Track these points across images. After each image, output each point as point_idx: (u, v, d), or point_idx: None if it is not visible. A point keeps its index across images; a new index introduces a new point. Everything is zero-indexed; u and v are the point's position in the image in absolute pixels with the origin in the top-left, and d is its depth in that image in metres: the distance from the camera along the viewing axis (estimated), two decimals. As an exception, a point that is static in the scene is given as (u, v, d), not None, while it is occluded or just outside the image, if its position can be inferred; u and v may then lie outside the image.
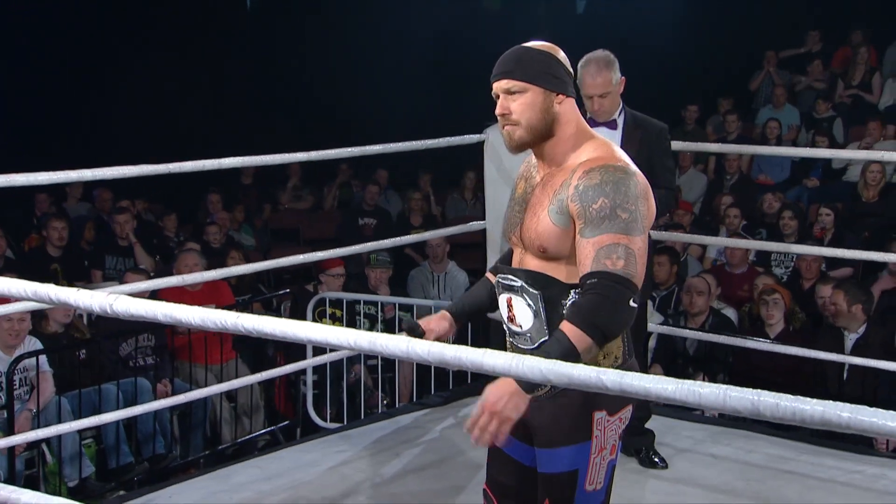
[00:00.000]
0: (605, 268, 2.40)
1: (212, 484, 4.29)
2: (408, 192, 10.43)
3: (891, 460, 4.63)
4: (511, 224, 2.66)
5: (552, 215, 2.51)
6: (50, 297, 2.12)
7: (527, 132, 2.54)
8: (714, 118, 10.81)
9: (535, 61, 2.54)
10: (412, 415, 5.09)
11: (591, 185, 2.46)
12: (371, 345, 1.90)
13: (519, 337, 2.62)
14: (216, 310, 2.03)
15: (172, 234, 9.11)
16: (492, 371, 1.80)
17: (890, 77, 10.75)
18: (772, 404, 1.53)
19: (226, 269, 4.58)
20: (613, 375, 1.68)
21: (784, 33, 11.81)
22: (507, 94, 2.54)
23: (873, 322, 6.01)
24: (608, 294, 2.38)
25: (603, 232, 2.42)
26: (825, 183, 9.65)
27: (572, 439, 2.55)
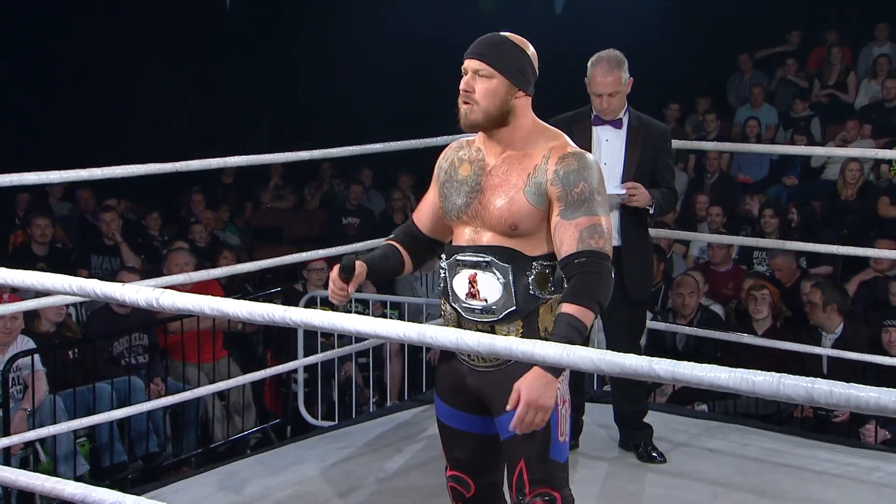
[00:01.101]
0: (591, 247, 2.63)
1: (218, 480, 4.32)
2: (389, 191, 10.45)
3: (883, 453, 4.72)
4: (459, 205, 2.78)
5: (529, 196, 2.69)
6: (95, 292, 2.15)
7: (482, 116, 2.71)
8: (692, 117, 10.92)
9: (509, 53, 2.72)
10: (410, 411, 5.13)
11: (570, 171, 2.68)
12: (420, 336, 1.94)
13: (479, 312, 2.74)
14: (263, 303, 2.07)
15: (156, 234, 9.09)
16: (543, 361, 1.85)
17: (865, 77, 10.90)
18: (826, 391, 1.58)
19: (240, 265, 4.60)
20: (666, 365, 1.73)
21: (760, 33, 11.94)
22: (476, 74, 2.71)
23: (850, 322, 6.10)
24: (600, 271, 2.61)
25: (583, 214, 2.65)
26: (804, 181, 9.78)
27: None
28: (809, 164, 9.88)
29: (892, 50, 11.07)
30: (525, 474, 2.72)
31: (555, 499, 2.74)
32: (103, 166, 3.80)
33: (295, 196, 10.92)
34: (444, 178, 2.87)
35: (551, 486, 2.73)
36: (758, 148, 8.81)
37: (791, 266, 7.41)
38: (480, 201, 2.75)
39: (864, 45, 11.32)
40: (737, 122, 10.76)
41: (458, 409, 2.87)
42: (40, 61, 11.11)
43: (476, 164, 2.80)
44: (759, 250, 8.03)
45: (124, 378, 6.10)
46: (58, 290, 2.18)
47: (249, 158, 4.47)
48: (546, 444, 2.72)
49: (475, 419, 2.85)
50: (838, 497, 4.21)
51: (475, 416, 2.85)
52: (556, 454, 2.74)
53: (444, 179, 2.87)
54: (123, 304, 2.73)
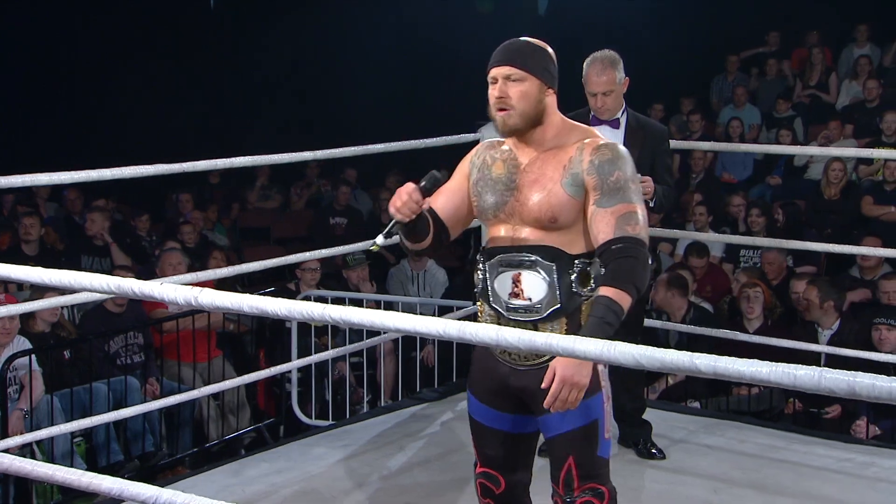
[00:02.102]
0: (628, 233, 2.67)
1: (223, 478, 4.34)
2: (376, 191, 10.49)
3: (877, 448, 4.80)
4: (494, 203, 2.81)
5: (567, 187, 2.74)
6: (133, 290, 2.17)
7: (521, 118, 2.76)
8: (676, 117, 11.01)
9: (535, 54, 2.79)
10: (410, 409, 5.17)
11: (605, 160, 2.73)
12: (460, 333, 1.98)
13: (522, 311, 2.78)
14: (301, 301, 2.10)
15: (144, 234, 9.09)
16: (584, 356, 1.89)
17: (846, 78, 11.03)
18: (868, 384, 1.63)
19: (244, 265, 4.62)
20: (707, 360, 1.78)
21: (743, 34, 12.06)
22: (507, 80, 2.75)
23: (846, 319, 6.19)
24: (637, 255, 2.65)
25: (619, 202, 2.70)
26: (787, 181, 9.88)
27: (586, 393, 2.71)
28: (793, 163, 9.98)
29: (872, 51, 11.21)
30: (574, 471, 2.77)
31: (603, 493, 2.81)
32: (89, 167, 3.81)
33: (281, 196, 10.93)
34: (478, 177, 2.89)
35: (599, 482, 2.81)
36: (749, 147, 8.91)
37: (782, 263, 7.50)
38: (517, 198, 2.78)
39: (845, 45, 11.46)
40: (720, 122, 10.86)
41: (496, 409, 2.90)
42: (24, 62, 11.07)
43: (509, 162, 2.83)
44: (747, 249, 8.11)
45: (120, 378, 6.12)
46: (95, 288, 2.21)
47: (250, 159, 4.48)
48: (594, 442, 2.79)
49: (513, 418, 2.89)
50: (837, 492, 4.28)
51: (513, 415, 2.89)
52: (602, 451, 2.81)
53: (478, 178, 2.88)
54: (163, 302, 2.74)
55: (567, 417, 2.75)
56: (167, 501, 2.21)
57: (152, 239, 9.07)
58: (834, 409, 5.85)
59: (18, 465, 2.37)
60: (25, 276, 2.28)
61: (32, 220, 8.10)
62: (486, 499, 2.97)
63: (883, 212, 8.61)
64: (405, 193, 2.73)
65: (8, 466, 2.36)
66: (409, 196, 2.72)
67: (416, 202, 2.73)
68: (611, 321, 2.55)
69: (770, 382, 1.72)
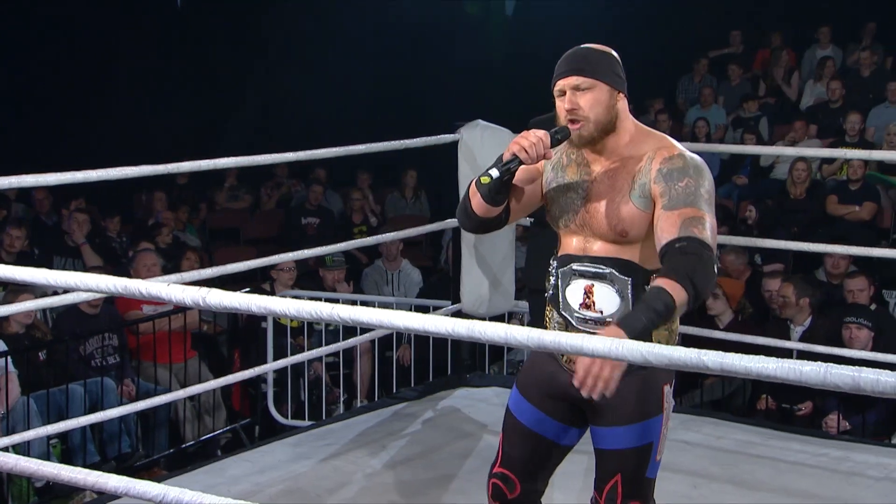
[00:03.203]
0: (693, 234, 2.51)
1: (206, 478, 4.35)
2: (346, 191, 10.50)
3: (850, 443, 4.89)
4: (568, 210, 2.74)
5: (635, 200, 2.64)
6: (140, 291, 2.19)
7: (595, 127, 2.66)
8: (644, 118, 11.10)
9: (601, 60, 2.69)
10: (392, 408, 5.19)
11: (675, 168, 2.62)
12: (469, 332, 2.01)
13: (592, 323, 2.70)
14: (309, 301, 2.13)
15: (115, 236, 9.04)
16: (591, 354, 1.93)
17: (809, 79, 11.19)
18: (872, 380, 1.68)
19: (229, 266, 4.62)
20: (714, 356, 1.83)
21: (708, 36, 12.19)
22: (576, 90, 2.66)
23: (818, 316, 6.29)
24: (700, 254, 2.48)
25: (688, 206, 2.56)
26: (753, 181, 10.00)
27: (646, 414, 2.70)
28: (759, 163, 10.11)
29: (835, 52, 11.38)
30: (619, 487, 2.74)
31: None
32: (57, 168, 3.79)
33: (251, 196, 10.91)
34: (551, 177, 2.80)
35: (642, 500, 2.78)
36: (723, 148, 9.02)
37: (742, 264, 7.59)
38: (588, 209, 2.70)
39: (808, 47, 11.63)
40: (687, 122, 10.97)
41: (543, 412, 2.83)
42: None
43: (582, 168, 2.75)
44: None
45: (96, 379, 6.10)
46: (101, 290, 2.23)
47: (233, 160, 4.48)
48: (645, 464, 2.75)
49: (560, 427, 2.84)
50: (813, 486, 4.36)
51: (560, 423, 2.84)
52: (651, 472, 2.78)
53: (551, 178, 2.80)
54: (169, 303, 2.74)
55: (629, 434, 2.72)
56: (174, 500, 2.23)
57: (122, 240, 9.02)
58: (806, 405, 5.94)
59: (24, 464, 2.38)
60: (31, 277, 2.29)
61: (17, 231, 7.98)
62: (496, 501, 2.91)
63: (847, 211, 8.75)
64: (535, 135, 2.63)
65: (13, 466, 2.37)
66: (539, 139, 2.63)
67: (546, 147, 2.64)
68: (657, 308, 2.39)
69: (777, 378, 1.77)
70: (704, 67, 11.88)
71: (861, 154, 7.90)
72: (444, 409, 5.16)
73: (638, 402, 2.70)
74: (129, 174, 3.98)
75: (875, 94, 10.38)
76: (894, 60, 10.97)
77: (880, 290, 7.23)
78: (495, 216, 2.79)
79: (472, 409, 5.12)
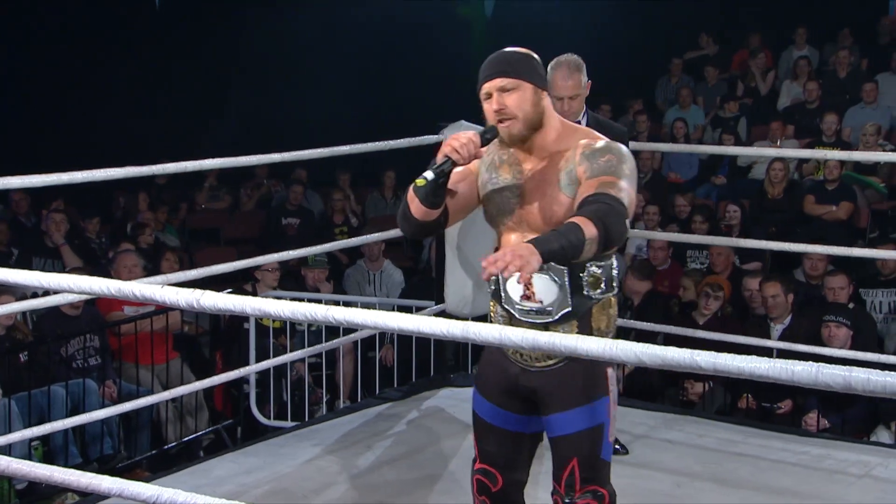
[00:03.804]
0: (609, 192, 2.62)
1: (191, 479, 4.34)
2: (327, 191, 10.50)
3: (831, 441, 4.94)
4: (503, 209, 2.85)
5: (565, 189, 2.76)
6: (134, 293, 2.20)
7: (524, 125, 2.78)
8: (623, 118, 11.16)
9: (523, 61, 2.81)
10: (376, 409, 5.21)
11: (597, 149, 2.75)
12: (464, 333, 2.03)
13: (534, 313, 2.81)
14: (305, 303, 2.14)
15: (94, 236, 9.01)
16: (585, 355, 1.96)
17: (786, 79, 11.27)
18: (863, 379, 1.71)
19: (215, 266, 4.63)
20: (707, 356, 1.85)
21: (686, 36, 12.27)
22: (502, 91, 2.77)
23: (797, 315, 6.35)
24: (613, 205, 2.59)
25: (608, 174, 2.68)
26: (732, 181, 10.07)
27: (592, 396, 2.81)
28: (737, 163, 10.18)
29: (811, 53, 11.48)
30: (577, 473, 2.82)
31: (603, 496, 2.88)
32: (37, 169, 3.80)
33: (231, 197, 10.89)
34: (486, 178, 2.90)
35: (600, 484, 2.87)
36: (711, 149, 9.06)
37: (730, 260, 7.68)
38: (523, 206, 2.81)
39: (785, 48, 11.72)
40: (666, 122, 11.03)
41: (502, 407, 2.93)
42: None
43: (514, 167, 2.85)
44: (693, 249, 8.27)
45: (78, 381, 6.08)
46: (95, 292, 2.23)
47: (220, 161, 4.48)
48: (597, 446, 2.84)
49: (520, 418, 2.94)
50: (794, 484, 4.40)
51: (521, 415, 2.93)
52: (605, 454, 2.87)
53: (486, 179, 2.90)
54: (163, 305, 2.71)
55: (578, 417, 2.81)
56: (168, 500, 2.24)
57: (102, 241, 9.00)
58: (785, 404, 5.99)
59: (15, 466, 2.38)
60: (24, 280, 2.29)
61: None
62: (482, 496, 3.00)
63: (824, 211, 8.82)
64: (465, 136, 2.72)
65: (5, 468, 2.37)
66: (469, 139, 2.72)
67: (476, 146, 2.73)
68: (570, 238, 2.47)
69: (769, 378, 1.79)
70: (679, 68, 11.96)
71: (840, 155, 7.97)
72: (429, 409, 5.18)
73: (584, 385, 2.82)
74: (114, 175, 3.99)
75: (851, 94, 10.48)
76: (870, 61, 11.07)
77: (858, 289, 7.30)
78: (434, 219, 2.86)
79: (456, 409, 5.14)
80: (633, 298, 6.92)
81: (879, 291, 7.26)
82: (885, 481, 4.44)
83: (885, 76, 10.51)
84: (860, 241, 8.55)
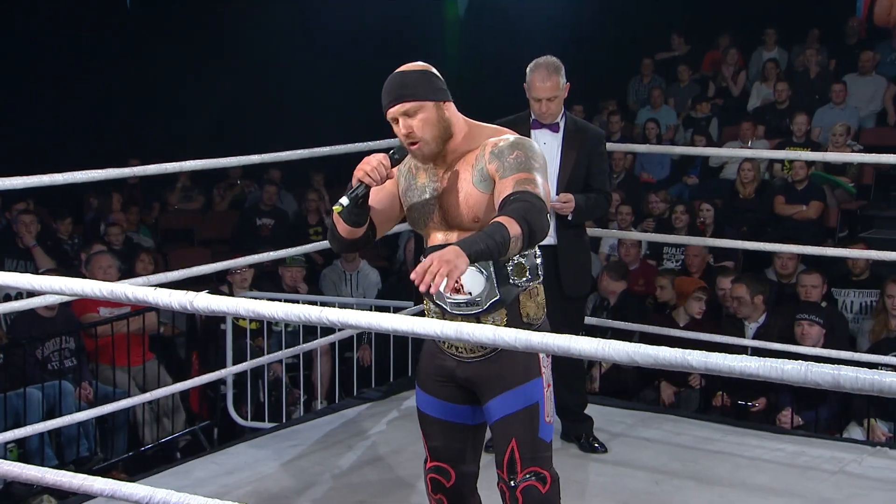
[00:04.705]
0: (527, 189, 2.72)
1: (172, 480, 4.34)
2: (301, 192, 10.49)
3: (805, 438, 5.01)
4: (424, 211, 2.93)
5: (477, 185, 2.84)
6: (127, 296, 2.21)
7: (434, 144, 2.86)
8: (597, 118, 11.22)
9: (418, 81, 2.85)
10: (356, 409, 5.23)
11: (505, 146, 2.83)
12: (457, 333, 2.06)
13: (464, 305, 2.87)
14: (298, 305, 2.16)
15: (66, 237, 8.96)
16: (579, 355, 1.99)
17: (756, 80, 11.38)
18: (851, 377, 1.75)
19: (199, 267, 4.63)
20: (698, 356, 1.89)
21: (657, 37, 12.35)
22: (406, 115, 2.83)
23: (772, 313, 6.42)
24: (533, 202, 2.68)
25: (521, 171, 2.77)
26: (704, 181, 10.15)
27: (527, 377, 2.89)
28: (708, 163, 10.26)
29: (780, 55, 11.59)
30: (517, 453, 2.87)
31: (545, 477, 2.91)
32: (9, 170, 3.79)
33: (203, 197, 10.85)
34: (405, 186, 3.00)
35: (541, 466, 2.90)
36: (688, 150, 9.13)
37: (705, 259, 7.76)
38: (441, 207, 2.90)
39: (755, 49, 11.83)
40: (638, 123, 11.11)
41: (444, 400, 3.01)
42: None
43: (430, 171, 2.93)
44: (670, 247, 8.34)
45: (54, 382, 6.06)
46: (87, 294, 2.24)
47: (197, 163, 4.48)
48: (535, 425, 2.89)
49: (461, 409, 3.01)
50: (770, 480, 4.46)
51: (461, 405, 3.01)
52: (543, 434, 2.91)
53: (405, 187, 3.00)
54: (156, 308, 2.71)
55: (513, 398, 2.89)
56: (161, 501, 2.25)
57: (74, 241, 8.95)
58: (759, 401, 6.06)
59: (6, 468, 2.38)
60: (14, 283, 2.29)
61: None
62: (437, 494, 3.05)
63: (794, 210, 8.91)
64: (375, 160, 2.81)
65: (-3, 471, 2.37)
66: (379, 162, 2.81)
67: (387, 168, 2.82)
68: (495, 238, 2.55)
69: (759, 376, 1.83)
70: (650, 69, 12.04)
71: (811, 155, 8.06)
72: (409, 409, 5.19)
73: (518, 368, 2.89)
74: (95, 177, 3.99)
75: (820, 95, 10.59)
76: (838, 62, 11.19)
77: (830, 288, 7.39)
78: (362, 235, 2.96)
79: (435, 408, 5.15)
80: (610, 298, 6.97)
81: (851, 291, 7.35)
82: (858, 477, 4.51)
83: (853, 77, 10.62)
84: (830, 241, 8.65)
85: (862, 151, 9.08)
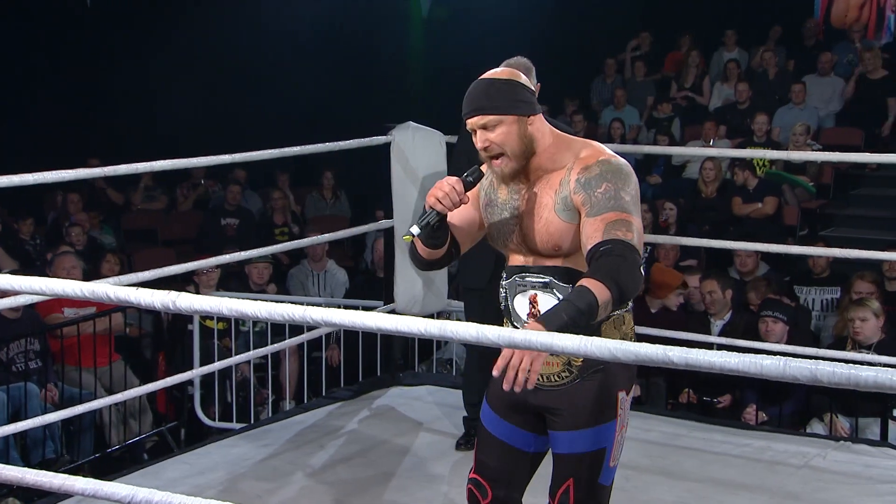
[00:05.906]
0: (618, 237, 2.54)
1: (144, 480, 4.31)
2: (265, 191, 10.47)
3: (770, 433, 5.07)
4: (504, 231, 2.80)
5: (560, 213, 2.68)
6: (108, 296, 2.21)
7: (515, 160, 2.70)
8: (560, 118, 11.28)
9: (501, 92, 2.67)
10: (326, 408, 5.23)
11: (592, 177, 2.65)
12: (441, 331, 2.08)
13: None
14: (281, 304, 2.17)
15: (28, 238, 8.89)
16: (561, 351, 2.02)
17: (717, 80, 11.50)
18: (828, 372, 1.79)
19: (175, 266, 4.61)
20: (679, 352, 1.92)
21: (619, 37, 12.45)
22: (484, 129, 2.68)
23: (737, 310, 6.51)
24: (625, 255, 2.51)
25: (610, 210, 2.59)
26: (667, 180, 10.25)
27: (600, 420, 2.74)
28: (671, 163, 10.37)
29: (740, 55, 11.73)
30: (572, 492, 2.76)
31: None
32: None
33: (167, 197, 10.80)
34: (485, 200, 2.86)
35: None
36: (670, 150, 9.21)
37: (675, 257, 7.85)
38: (521, 228, 2.76)
39: (715, 49, 11.96)
40: (602, 122, 11.19)
41: (513, 425, 2.88)
42: None
43: (511, 187, 2.78)
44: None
45: (19, 384, 6.01)
46: (68, 294, 2.24)
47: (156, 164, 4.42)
48: (598, 469, 2.76)
49: (526, 435, 2.88)
50: (738, 475, 4.52)
51: (527, 432, 2.88)
52: (604, 479, 2.79)
53: (486, 201, 2.86)
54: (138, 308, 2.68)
55: (581, 439, 2.75)
56: (143, 500, 2.25)
57: (37, 242, 8.88)
58: (725, 398, 6.13)
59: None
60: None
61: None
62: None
63: (751, 209, 9.03)
64: (447, 185, 2.67)
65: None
66: (451, 187, 2.67)
67: (460, 193, 2.68)
68: (579, 306, 2.42)
69: (738, 371, 1.86)
70: (612, 69, 12.13)
71: (773, 154, 8.18)
72: (380, 407, 5.22)
73: (593, 407, 2.75)
74: (65, 178, 3.96)
75: (780, 95, 10.73)
76: (796, 63, 11.33)
77: (792, 286, 7.49)
78: (444, 255, 2.85)
79: (406, 407, 5.18)
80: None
81: (813, 289, 7.46)
82: (823, 471, 4.58)
83: (812, 77, 10.78)
84: (790, 239, 8.77)
85: (821, 151, 9.22)
